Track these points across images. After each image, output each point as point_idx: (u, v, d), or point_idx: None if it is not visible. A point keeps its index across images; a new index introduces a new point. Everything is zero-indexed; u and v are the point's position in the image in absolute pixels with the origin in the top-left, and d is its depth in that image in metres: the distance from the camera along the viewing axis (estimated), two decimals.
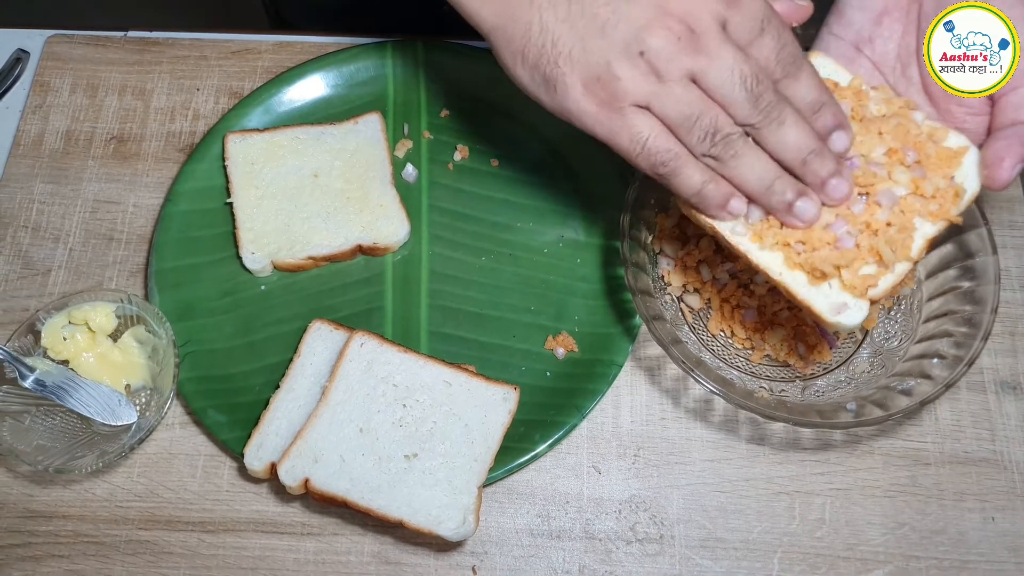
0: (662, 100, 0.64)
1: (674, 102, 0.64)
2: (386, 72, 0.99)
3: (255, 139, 0.93)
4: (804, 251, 0.68)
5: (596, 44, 0.64)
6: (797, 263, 0.68)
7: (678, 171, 0.66)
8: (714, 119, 0.64)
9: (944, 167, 0.70)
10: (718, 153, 0.65)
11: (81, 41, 1.03)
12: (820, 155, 0.66)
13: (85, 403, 0.80)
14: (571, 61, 0.65)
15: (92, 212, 0.94)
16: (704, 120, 0.64)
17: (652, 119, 0.65)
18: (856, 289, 0.68)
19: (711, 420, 0.84)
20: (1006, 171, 0.68)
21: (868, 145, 0.70)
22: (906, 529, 0.80)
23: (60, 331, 0.82)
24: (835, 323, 0.68)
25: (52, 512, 0.81)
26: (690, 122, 0.64)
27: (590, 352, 0.86)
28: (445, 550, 0.79)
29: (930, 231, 0.69)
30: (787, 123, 0.65)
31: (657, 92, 0.64)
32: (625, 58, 0.63)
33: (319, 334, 0.84)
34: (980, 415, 0.84)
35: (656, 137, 0.64)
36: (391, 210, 0.90)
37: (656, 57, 0.63)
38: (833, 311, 0.68)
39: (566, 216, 0.92)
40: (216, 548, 0.80)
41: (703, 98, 0.64)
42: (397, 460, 0.77)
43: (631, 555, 0.79)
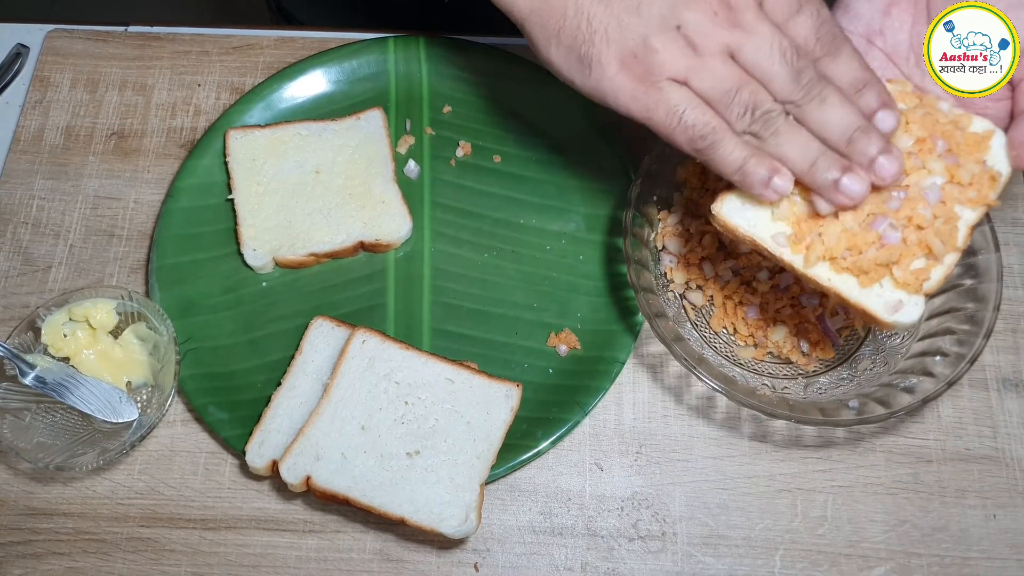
0: (700, 74, 0.63)
1: (712, 76, 0.63)
2: (388, 68, 0.98)
3: (256, 135, 0.92)
4: (851, 256, 0.67)
5: (632, 20, 0.64)
6: (844, 267, 0.67)
7: (717, 145, 0.64)
8: (754, 93, 0.63)
9: (975, 153, 0.69)
10: (758, 130, 0.64)
11: (81, 36, 1.03)
12: (866, 133, 0.64)
13: (86, 400, 0.80)
14: (607, 39, 0.64)
15: (93, 208, 0.93)
16: (743, 94, 0.63)
17: (689, 92, 0.64)
18: (910, 285, 0.67)
19: (713, 417, 0.84)
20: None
21: (895, 136, 0.69)
22: (908, 526, 0.80)
23: (61, 328, 0.82)
24: (892, 322, 0.67)
25: (53, 509, 0.81)
26: (729, 97, 0.63)
27: (593, 349, 0.85)
28: (447, 547, 0.79)
29: (971, 218, 0.68)
30: (830, 100, 0.64)
31: (694, 66, 0.63)
32: (662, 32, 0.63)
33: (321, 331, 0.84)
34: (982, 412, 0.84)
35: (693, 109, 0.63)
36: (393, 206, 0.90)
37: (693, 31, 0.63)
38: (889, 310, 0.67)
39: (569, 212, 0.92)
40: (218, 545, 0.80)
41: (742, 73, 0.63)
42: (399, 458, 0.77)
43: (633, 552, 0.79)
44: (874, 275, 0.67)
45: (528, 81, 0.94)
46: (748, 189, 0.66)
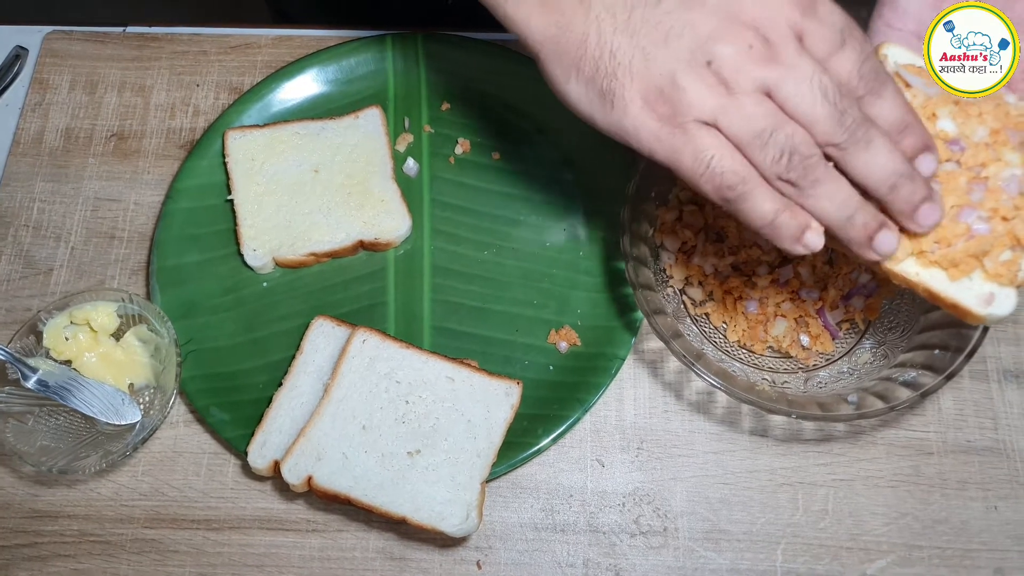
0: (730, 115, 0.58)
1: (744, 117, 0.58)
2: (386, 66, 0.98)
3: (255, 135, 0.92)
4: (940, 249, 0.65)
5: (659, 54, 0.59)
6: (932, 261, 0.66)
7: (747, 196, 0.59)
8: (790, 136, 0.58)
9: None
10: (796, 178, 0.58)
11: (80, 37, 1.03)
12: (912, 179, 0.60)
13: (88, 403, 0.80)
14: (631, 73, 0.59)
15: (93, 210, 0.94)
16: (779, 136, 0.58)
17: (719, 137, 0.59)
18: (1002, 276, 0.65)
19: (714, 412, 0.84)
20: None
21: (970, 127, 0.68)
22: (909, 519, 0.80)
23: (62, 331, 0.82)
24: (986, 315, 0.65)
25: (57, 512, 0.81)
26: (762, 139, 0.58)
27: (593, 346, 0.86)
28: (450, 545, 0.80)
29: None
30: (875, 143, 0.59)
31: (725, 106, 0.58)
32: (691, 69, 0.58)
33: (321, 331, 0.84)
34: (983, 404, 0.84)
35: (723, 157, 0.58)
36: (392, 205, 0.90)
37: (725, 67, 0.58)
38: (982, 303, 0.65)
39: (568, 209, 0.92)
40: (221, 546, 0.80)
41: (778, 113, 0.58)
42: (400, 457, 0.77)
43: (635, 548, 0.80)
44: (964, 267, 0.65)
45: (527, 77, 0.94)
46: (777, 243, 0.61)
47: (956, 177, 0.66)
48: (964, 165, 0.66)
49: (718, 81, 0.58)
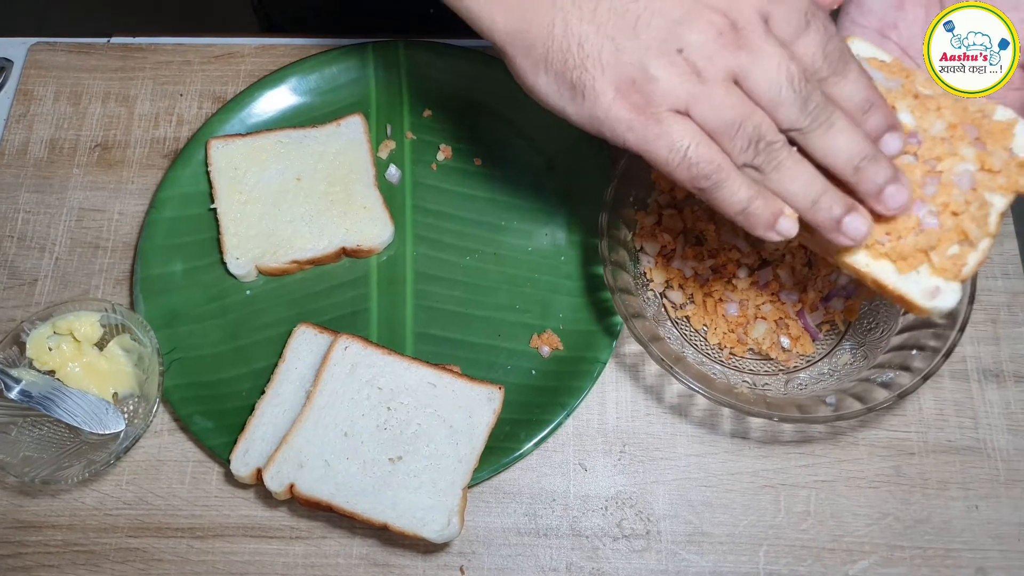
0: (703, 104, 0.58)
1: (716, 106, 0.58)
2: (368, 73, 0.99)
3: (238, 144, 0.93)
4: (889, 241, 0.66)
5: (629, 44, 0.59)
6: (883, 253, 0.66)
7: (721, 185, 0.60)
8: (758, 125, 0.59)
9: (1001, 140, 0.69)
10: (760, 163, 0.60)
11: (64, 48, 1.03)
12: (875, 160, 0.61)
13: (72, 413, 0.80)
14: (601, 64, 0.59)
15: (78, 220, 0.94)
16: (748, 126, 0.59)
17: (692, 126, 0.59)
18: (948, 271, 0.66)
19: (694, 415, 0.84)
20: None
21: (928, 121, 0.69)
22: (890, 519, 0.81)
23: (45, 342, 0.82)
24: (930, 308, 0.66)
25: (42, 522, 0.81)
26: (733, 129, 0.59)
27: (575, 349, 0.86)
28: (433, 551, 0.80)
29: (1001, 204, 0.68)
30: (837, 126, 0.60)
31: (697, 95, 0.58)
32: (662, 57, 0.58)
33: (304, 338, 0.85)
34: (963, 404, 0.85)
35: (698, 146, 0.59)
36: (375, 212, 0.90)
37: (696, 54, 0.58)
38: (927, 296, 0.66)
39: (550, 214, 0.92)
40: (205, 554, 0.80)
41: (746, 101, 0.59)
42: (382, 463, 0.78)
43: (618, 551, 0.80)
44: (912, 261, 0.66)
45: (508, 82, 0.93)
46: (751, 230, 0.62)
47: (912, 170, 0.67)
48: (920, 158, 0.67)
49: (690, 69, 0.59)
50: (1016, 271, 0.90)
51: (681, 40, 0.58)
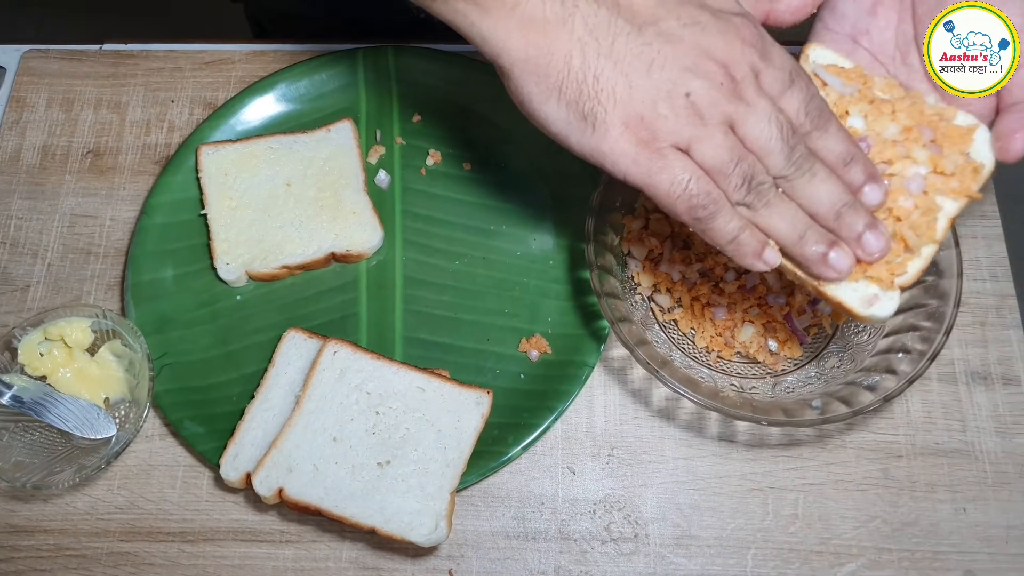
0: (704, 144, 0.62)
1: (716, 147, 0.62)
2: (358, 79, 0.99)
3: (228, 150, 0.93)
4: None
5: (642, 82, 0.62)
6: None
7: (716, 216, 0.64)
8: (752, 165, 0.63)
9: (959, 144, 0.70)
10: (751, 201, 0.64)
11: (56, 56, 1.04)
12: (854, 209, 0.65)
13: (64, 418, 0.81)
14: (614, 98, 0.62)
15: (70, 227, 0.95)
16: (743, 165, 0.63)
17: (691, 163, 0.63)
18: (883, 281, 0.67)
19: (682, 418, 0.85)
20: (1019, 142, 0.68)
21: (881, 124, 0.70)
22: (878, 522, 0.81)
23: (36, 347, 0.83)
24: (868, 316, 0.67)
25: (34, 527, 0.82)
26: (729, 168, 0.63)
27: (563, 353, 0.86)
28: (422, 555, 0.80)
29: (952, 209, 0.69)
30: (819, 176, 0.65)
31: (699, 136, 0.62)
32: (672, 99, 0.62)
33: (293, 343, 0.85)
34: (951, 406, 0.85)
35: (698, 180, 0.63)
36: (364, 217, 0.91)
37: (701, 100, 0.62)
38: (864, 304, 0.67)
39: (538, 218, 0.93)
40: (196, 558, 0.81)
41: (739, 145, 0.63)
42: (370, 468, 0.78)
43: (606, 555, 0.80)
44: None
45: (496, 88, 0.94)
46: (739, 260, 0.66)
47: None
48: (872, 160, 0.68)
49: (694, 112, 0.62)
50: (1005, 273, 0.90)
51: (689, 85, 0.62)
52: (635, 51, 0.62)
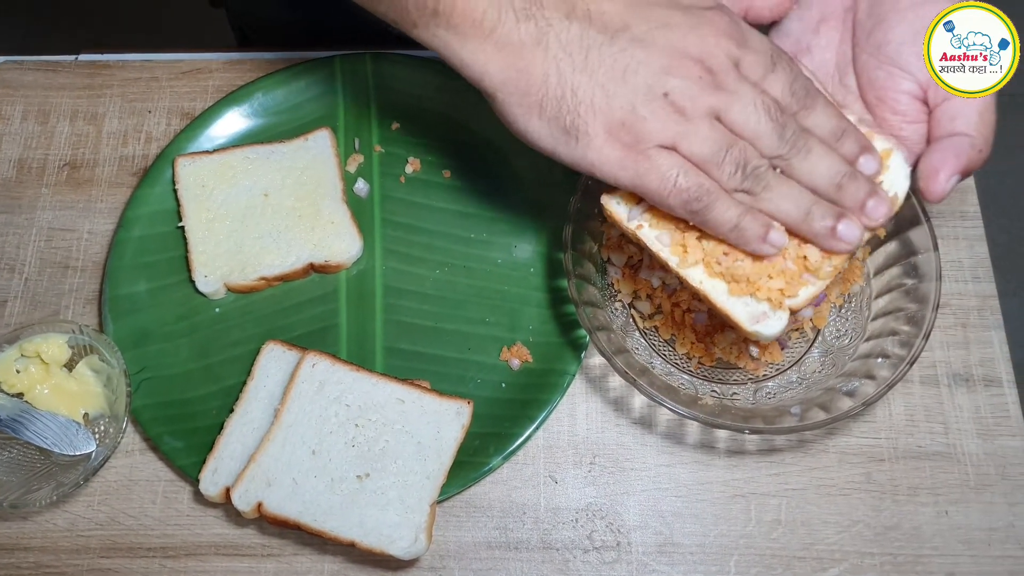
0: (689, 138, 0.64)
1: (701, 139, 0.63)
2: (335, 87, 0.98)
3: (205, 161, 0.93)
4: (726, 261, 0.68)
5: (618, 90, 0.63)
6: (718, 272, 0.69)
7: (712, 206, 0.65)
8: (743, 151, 0.64)
9: None
10: (750, 186, 0.65)
11: (31, 67, 1.03)
12: (854, 178, 0.67)
13: (42, 435, 0.80)
14: (593, 109, 0.64)
15: (47, 241, 0.94)
16: (734, 152, 0.64)
17: (679, 157, 0.64)
18: (773, 301, 0.68)
19: (663, 425, 0.84)
20: (941, 184, 0.68)
21: None
22: (861, 526, 0.81)
23: (13, 364, 0.82)
24: (753, 332, 0.68)
25: (13, 544, 0.81)
26: (719, 156, 0.64)
27: (544, 362, 0.86)
28: (404, 567, 0.80)
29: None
30: (815, 151, 0.66)
31: (684, 131, 0.64)
32: (649, 100, 0.63)
33: (272, 355, 0.84)
34: (933, 409, 0.85)
35: (687, 173, 0.64)
36: (342, 227, 0.90)
37: (680, 96, 0.63)
38: (752, 320, 0.68)
39: (518, 226, 0.92)
40: (177, 573, 0.80)
41: (728, 133, 0.64)
42: (349, 481, 0.78)
43: (589, 564, 0.80)
44: (744, 286, 0.68)
45: (475, 94, 0.94)
46: (744, 246, 0.67)
47: None
48: None
49: (675, 110, 0.64)
50: (986, 274, 0.90)
51: (666, 85, 0.63)
52: (609, 60, 0.64)
